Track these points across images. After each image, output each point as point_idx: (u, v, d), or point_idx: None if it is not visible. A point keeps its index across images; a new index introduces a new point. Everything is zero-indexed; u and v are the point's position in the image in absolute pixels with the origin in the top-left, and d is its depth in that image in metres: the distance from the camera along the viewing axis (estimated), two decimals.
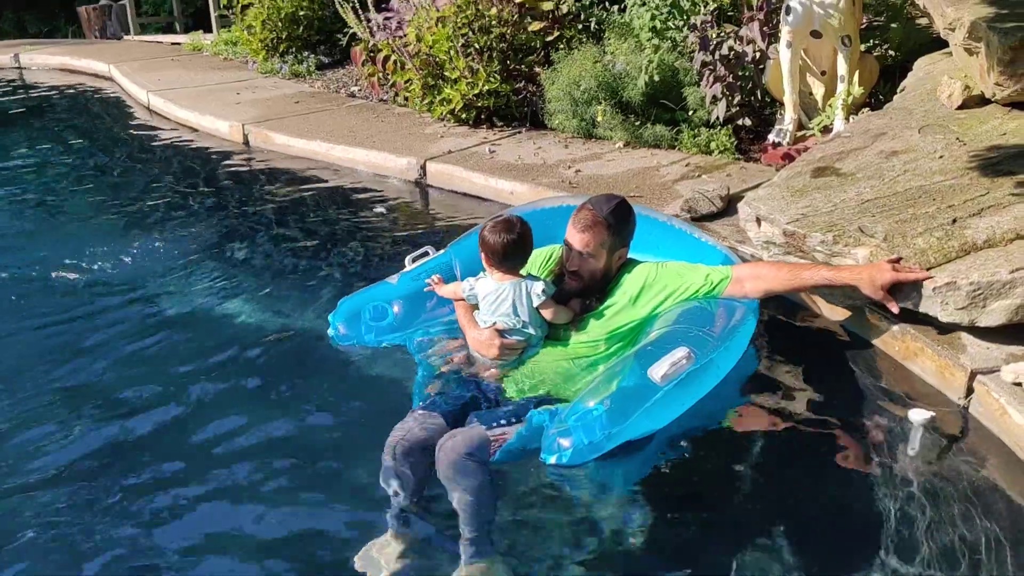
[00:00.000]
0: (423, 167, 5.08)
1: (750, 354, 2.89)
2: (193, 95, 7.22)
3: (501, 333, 2.75)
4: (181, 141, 6.48)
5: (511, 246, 2.72)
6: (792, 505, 2.41)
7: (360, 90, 7.00)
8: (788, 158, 4.44)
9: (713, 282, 2.80)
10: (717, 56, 4.79)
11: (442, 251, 3.24)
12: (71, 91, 8.80)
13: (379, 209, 4.84)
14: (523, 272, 2.81)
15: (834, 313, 3.15)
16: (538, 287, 2.74)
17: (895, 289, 2.74)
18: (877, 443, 2.62)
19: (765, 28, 4.74)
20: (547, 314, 2.77)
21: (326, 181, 5.35)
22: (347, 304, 3.13)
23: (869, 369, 2.94)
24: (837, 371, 2.98)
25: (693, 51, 4.91)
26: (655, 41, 5.05)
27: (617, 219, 2.80)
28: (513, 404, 2.60)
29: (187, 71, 8.35)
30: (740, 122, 4.96)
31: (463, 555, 2.17)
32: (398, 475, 2.34)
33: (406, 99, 6.24)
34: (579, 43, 5.49)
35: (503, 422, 2.45)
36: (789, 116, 4.73)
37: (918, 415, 2.61)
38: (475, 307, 2.87)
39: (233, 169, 5.77)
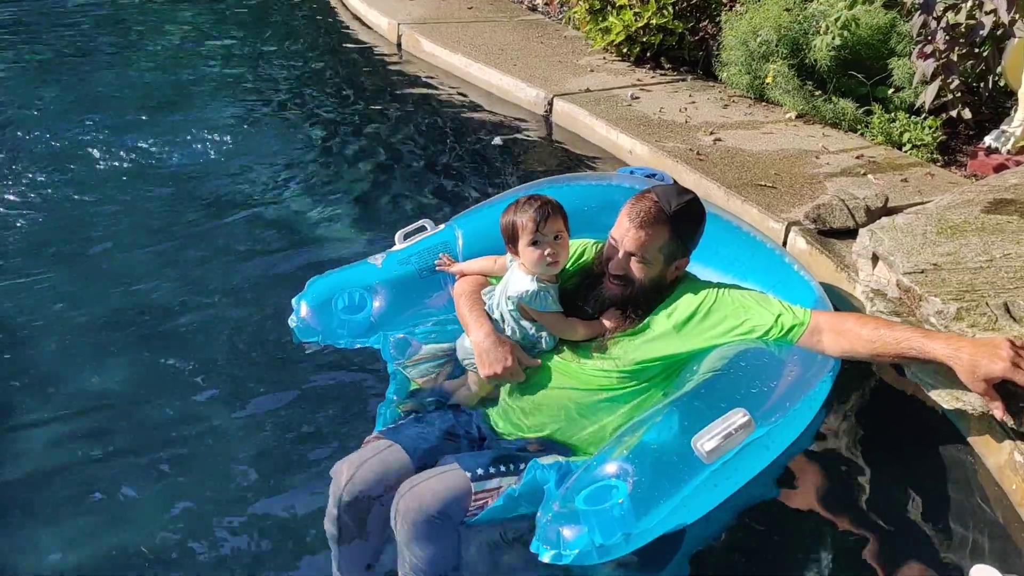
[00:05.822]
0: (550, 103, 4.45)
1: None
2: None
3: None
4: (340, 30, 6.24)
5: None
6: None
7: (543, 3, 6.38)
8: (1001, 170, 3.36)
9: (784, 326, 2.06)
10: (942, 24, 3.68)
11: (442, 226, 2.61)
12: None
13: (497, 140, 4.33)
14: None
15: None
16: (526, 284, 2.10)
17: (1011, 391, 1.84)
18: None
19: None
20: (556, 326, 2.14)
21: (455, 100, 4.87)
22: (318, 286, 2.46)
23: (963, 486, 2.08)
24: (910, 479, 2.16)
25: (913, 10, 3.81)
26: None
27: (685, 221, 2.12)
28: (506, 444, 2.06)
29: None
30: (955, 113, 3.84)
31: None
32: (342, 534, 1.92)
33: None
34: None
35: (491, 471, 1.89)
36: (1021, 115, 3.57)
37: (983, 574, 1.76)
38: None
39: (370, 70, 5.43)
